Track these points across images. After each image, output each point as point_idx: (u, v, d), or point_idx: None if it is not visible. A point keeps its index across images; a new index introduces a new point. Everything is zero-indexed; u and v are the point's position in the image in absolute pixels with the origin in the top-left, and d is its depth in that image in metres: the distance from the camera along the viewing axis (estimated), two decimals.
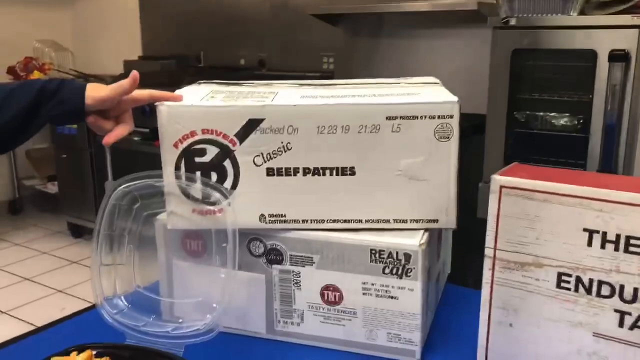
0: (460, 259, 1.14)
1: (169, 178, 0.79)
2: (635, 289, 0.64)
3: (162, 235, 0.86)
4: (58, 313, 0.91)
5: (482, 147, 2.15)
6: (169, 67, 3.76)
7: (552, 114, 2.07)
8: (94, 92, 0.80)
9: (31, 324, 2.64)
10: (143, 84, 0.87)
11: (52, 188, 3.91)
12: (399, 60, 2.96)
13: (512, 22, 1.99)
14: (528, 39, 1.99)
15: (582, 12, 1.93)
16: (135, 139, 3.32)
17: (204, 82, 0.94)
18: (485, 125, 2.13)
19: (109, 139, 0.82)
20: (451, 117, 0.76)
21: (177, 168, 0.79)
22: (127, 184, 0.79)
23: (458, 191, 0.79)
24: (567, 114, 2.03)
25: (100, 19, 4.26)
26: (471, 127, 2.25)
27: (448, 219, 0.80)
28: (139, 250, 0.82)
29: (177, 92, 0.84)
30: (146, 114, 3.58)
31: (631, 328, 0.65)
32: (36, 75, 3.86)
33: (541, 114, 2.09)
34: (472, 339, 0.79)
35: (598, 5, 1.92)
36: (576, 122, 2.00)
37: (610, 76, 1.84)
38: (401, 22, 2.92)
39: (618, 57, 1.81)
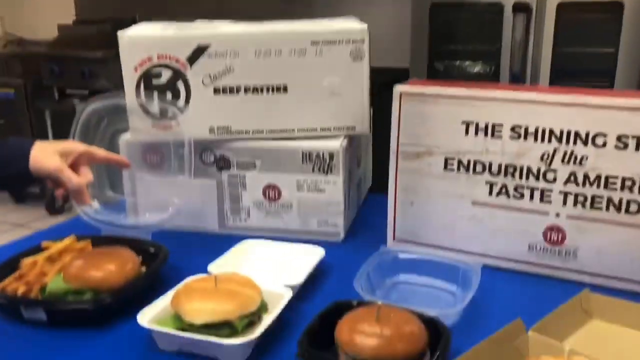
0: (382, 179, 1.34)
1: (130, 97, 0.95)
2: (500, 164, 0.85)
3: (126, 152, 1.01)
4: None
5: None
6: (104, 30, 3.77)
7: (467, 62, 2.30)
8: (40, 160, 0.77)
9: None
10: (80, 47, 0.98)
11: None
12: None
13: None
14: None
15: None
16: (75, 100, 3.37)
17: (148, 22, 1.09)
18: (409, 76, 2.34)
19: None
20: (362, 41, 0.94)
21: (137, 89, 0.95)
22: (94, 104, 0.94)
23: (370, 104, 0.98)
24: (480, 62, 2.26)
25: None
26: (395, 80, 2.45)
27: (363, 126, 0.99)
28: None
29: (134, 26, 0.98)
30: (85, 77, 3.60)
31: (497, 194, 0.87)
32: None
33: (458, 63, 2.32)
34: (385, 228, 0.99)
35: None
36: (488, 70, 2.24)
37: (514, 26, 2.07)
38: None
39: (520, 8, 2.05)
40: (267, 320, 0.69)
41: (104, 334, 0.73)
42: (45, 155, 0.79)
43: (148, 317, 0.69)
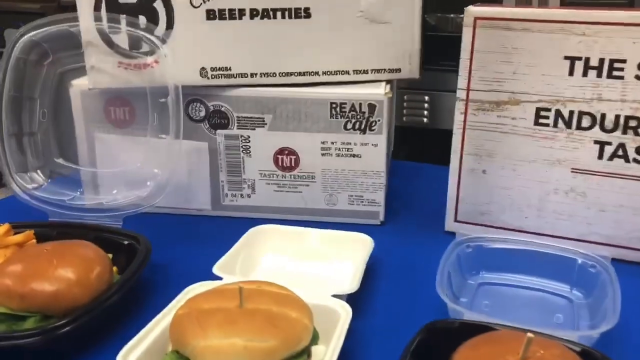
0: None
1: (86, 22, 0.65)
2: (617, 116, 0.61)
3: (80, 104, 0.72)
4: None
5: None
6: None
7: (461, 15, 2.06)
8: None
9: None
10: None
11: None
12: None
13: None
14: None
15: None
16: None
17: None
18: None
19: None
20: None
21: (97, 10, 0.65)
22: (34, 32, 0.64)
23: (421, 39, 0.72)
24: None
25: None
26: None
27: (412, 68, 0.73)
28: (55, 116, 0.68)
29: None
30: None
31: (610, 158, 0.63)
32: None
33: (452, 15, 2.07)
34: (432, 204, 0.76)
35: None
36: None
37: None
38: None
39: None
40: (322, 355, 0.43)
41: None
42: None
43: (125, 355, 0.43)
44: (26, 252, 0.54)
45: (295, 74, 0.71)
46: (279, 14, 0.68)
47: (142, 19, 0.67)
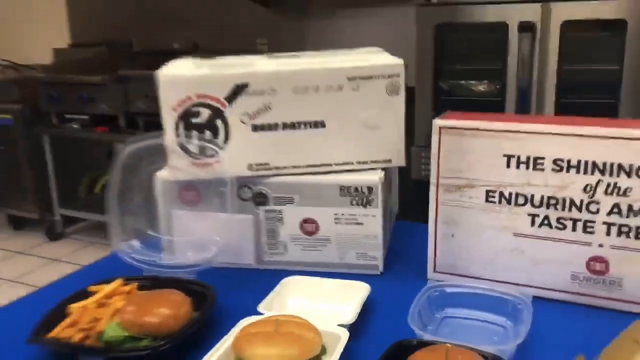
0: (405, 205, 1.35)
1: (170, 137, 0.95)
2: (542, 196, 0.87)
3: (162, 189, 1.01)
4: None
5: (411, 116, 2.38)
6: (101, 54, 3.77)
7: (473, 81, 2.33)
8: None
9: None
10: (78, 71, 0.98)
11: None
12: (328, 39, 3.16)
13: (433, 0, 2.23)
14: (448, 15, 2.23)
15: None
16: (75, 126, 3.36)
17: (181, 59, 1.09)
18: (415, 95, 2.36)
19: None
20: (398, 75, 0.95)
21: (176, 128, 0.95)
22: (135, 144, 0.94)
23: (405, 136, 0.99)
24: (485, 81, 2.29)
25: (25, 6, 4.18)
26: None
27: (399, 158, 1.00)
28: (147, 200, 0.97)
29: (170, 64, 0.99)
30: (84, 101, 3.58)
31: (540, 226, 0.88)
32: None
33: (463, 82, 2.34)
34: (420, 258, 1.00)
35: None
36: (493, 88, 2.27)
37: (520, 45, 2.11)
38: (332, 4, 3.11)
39: (526, 28, 2.08)
40: None
41: None
42: None
43: None
44: (136, 296, 0.82)
45: (315, 166, 0.99)
46: (302, 125, 0.97)
47: (207, 133, 0.96)
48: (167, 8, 3.66)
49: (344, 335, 0.74)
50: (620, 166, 0.81)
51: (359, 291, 0.88)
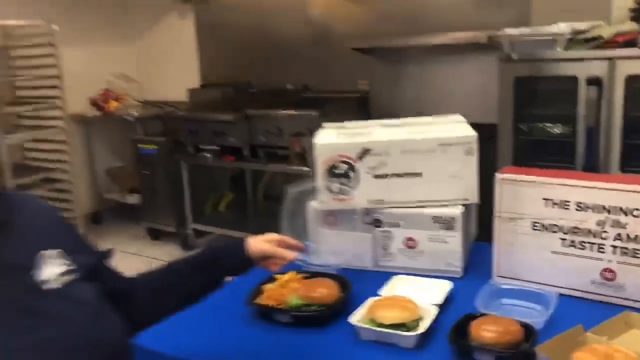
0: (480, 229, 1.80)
1: (319, 181, 1.47)
2: (569, 227, 1.30)
3: (313, 215, 1.53)
4: None
5: (494, 152, 2.76)
6: (227, 94, 4.43)
7: (548, 124, 2.71)
8: (256, 246, 1.10)
9: None
10: (203, 109, 1.40)
11: (132, 199, 4.56)
12: (423, 82, 3.62)
13: (514, 57, 2.64)
14: (527, 69, 2.63)
15: (565, 48, 2.56)
16: (207, 155, 4.01)
17: (327, 127, 1.61)
18: (498, 134, 2.76)
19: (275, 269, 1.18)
20: (473, 142, 1.42)
21: (324, 176, 1.47)
22: (297, 187, 1.47)
23: (479, 183, 1.45)
24: (559, 124, 2.67)
25: (162, 52, 4.95)
26: (486, 135, 2.88)
27: (473, 198, 1.46)
28: (305, 223, 1.50)
29: (321, 133, 1.51)
30: (216, 135, 4.27)
31: (568, 246, 1.31)
32: (113, 104, 4.54)
33: (540, 124, 2.73)
34: (487, 266, 1.44)
35: (577, 43, 2.56)
36: (566, 130, 2.64)
37: (588, 95, 2.48)
38: (424, 52, 3.58)
39: (593, 81, 2.45)
40: (425, 324, 1.17)
41: (325, 331, 1.24)
42: (257, 243, 1.13)
43: (355, 319, 1.19)
44: (304, 281, 1.34)
45: (415, 202, 1.47)
46: (407, 175, 1.45)
47: (344, 179, 1.47)
48: (280, 53, 4.26)
49: (435, 310, 1.22)
50: (620, 208, 1.23)
51: (445, 286, 1.35)
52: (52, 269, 0.82)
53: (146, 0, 4.84)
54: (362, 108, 3.81)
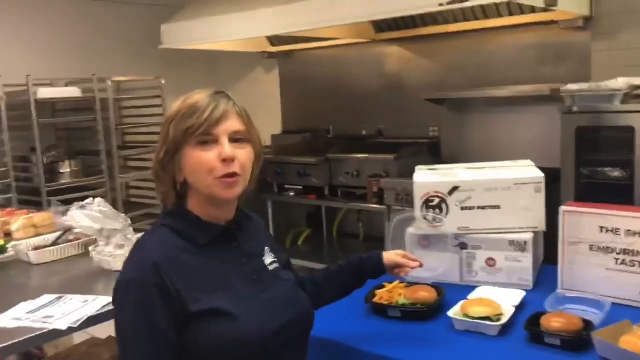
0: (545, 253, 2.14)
1: (417, 212, 1.88)
2: (621, 249, 1.64)
3: (409, 238, 1.93)
4: None
5: (558, 191, 3.07)
6: (306, 139, 4.91)
7: (607, 168, 3.01)
8: (390, 257, 1.51)
9: None
10: (287, 153, 1.69)
11: None
12: (489, 129, 3.97)
13: (574, 109, 2.98)
14: (586, 120, 2.96)
15: (622, 102, 2.88)
16: (291, 194, 4.47)
17: (420, 168, 2.02)
18: (561, 177, 3.07)
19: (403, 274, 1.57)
20: (541, 182, 1.80)
21: (421, 208, 1.87)
22: (399, 216, 1.88)
23: (546, 215, 1.82)
24: (618, 169, 2.96)
25: (249, 101, 5.49)
26: (550, 178, 3.19)
27: (541, 226, 1.83)
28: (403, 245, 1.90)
29: (418, 172, 1.92)
30: (299, 176, 4.77)
31: (620, 264, 1.65)
32: None
33: (599, 168, 3.03)
34: (553, 281, 1.79)
35: (633, 97, 2.88)
36: (624, 174, 2.93)
37: None
38: (491, 102, 3.94)
39: None
40: (505, 317, 1.54)
41: (428, 324, 1.62)
42: (390, 255, 1.54)
43: (452, 313, 1.57)
44: (407, 288, 1.73)
45: (494, 229, 1.85)
46: (488, 207, 1.84)
47: (437, 210, 1.87)
48: (356, 102, 4.70)
49: (512, 308, 1.59)
50: None
51: (519, 294, 1.72)
52: (268, 259, 1.28)
53: (236, 57, 5.41)
54: (433, 152, 4.17)
